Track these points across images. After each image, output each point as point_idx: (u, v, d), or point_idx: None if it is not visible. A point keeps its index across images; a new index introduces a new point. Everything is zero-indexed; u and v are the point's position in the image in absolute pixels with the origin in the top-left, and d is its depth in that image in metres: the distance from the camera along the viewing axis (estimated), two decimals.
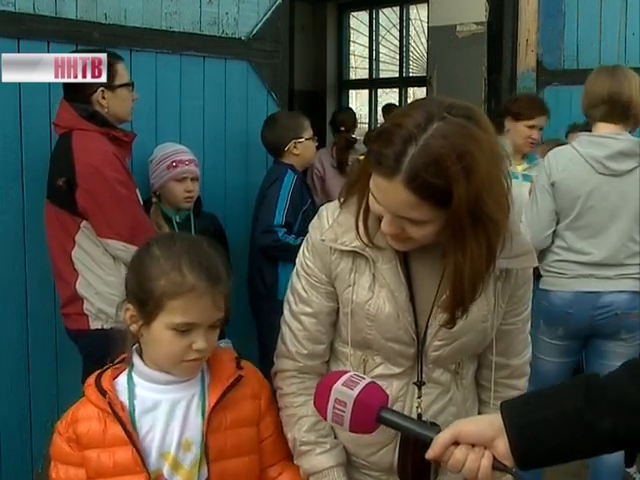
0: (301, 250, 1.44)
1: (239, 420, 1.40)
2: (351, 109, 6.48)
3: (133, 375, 1.38)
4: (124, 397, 1.35)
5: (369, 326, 1.36)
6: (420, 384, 1.39)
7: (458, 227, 1.17)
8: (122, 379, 1.38)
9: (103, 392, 1.34)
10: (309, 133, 3.21)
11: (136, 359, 1.39)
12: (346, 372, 1.23)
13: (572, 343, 2.73)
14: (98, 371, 1.40)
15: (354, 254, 1.35)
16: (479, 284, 1.25)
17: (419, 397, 1.39)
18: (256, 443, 1.43)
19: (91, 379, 1.38)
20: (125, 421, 1.32)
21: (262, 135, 3.21)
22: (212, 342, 1.36)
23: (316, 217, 1.43)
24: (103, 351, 2.39)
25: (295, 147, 3.14)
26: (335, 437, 1.45)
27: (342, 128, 5.10)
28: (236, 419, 1.39)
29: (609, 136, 2.61)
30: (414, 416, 1.38)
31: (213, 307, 1.33)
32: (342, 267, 1.37)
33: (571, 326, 2.68)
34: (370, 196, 1.26)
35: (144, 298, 1.32)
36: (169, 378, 1.37)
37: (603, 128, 2.63)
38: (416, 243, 1.27)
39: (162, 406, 1.36)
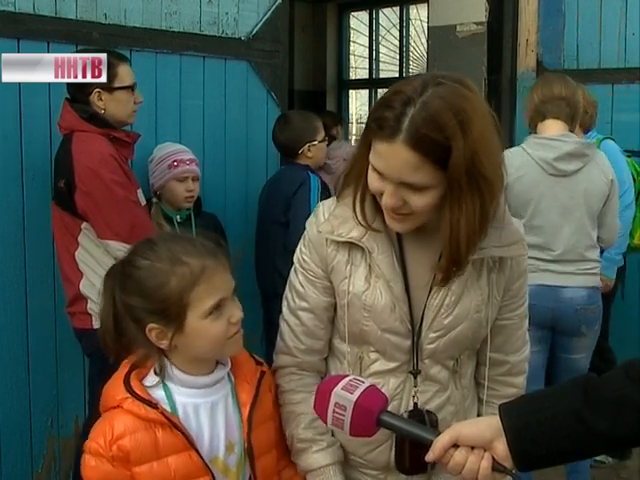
0: (298, 246, 1.46)
1: (266, 415, 1.42)
2: (332, 112, 6.60)
3: (167, 383, 1.35)
4: (166, 406, 1.32)
5: (366, 317, 1.37)
6: (415, 373, 1.39)
7: (456, 186, 1.21)
8: (155, 389, 1.33)
9: (151, 403, 1.29)
10: (322, 135, 3.20)
11: (171, 369, 1.34)
12: (346, 376, 1.23)
13: (538, 332, 2.79)
14: (118, 378, 1.33)
15: (350, 246, 1.37)
16: (473, 244, 1.27)
17: (415, 386, 1.39)
18: (276, 435, 1.46)
19: (120, 392, 1.30)
20: (182, 428, 1.29)
21: (274, 135, 3.19)
22: (241, 308, 1.36)
23: (313, 214, 1.45)
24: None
25: (309, 150, 3.13)
26: (332, 435, 1.45)
27: None
28: (263, 414, 1.41)
29: (557, 138, 2.76)
30: (410, 406, 1.39)
31: (227, 275, 1.33)
32: (338, 259, 1.38)
33: (535, 317, 2.75)
34: (370, 173, 1.28)
35: (163, 307, 1.28)
36: (205, 381, 1.36)
37: (550, 125, 2.79)
38: (416, 220, 1.29)
39: (202, 410, 1.34)
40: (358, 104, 8.18)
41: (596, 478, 3.40)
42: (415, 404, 1.40)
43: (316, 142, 3.14)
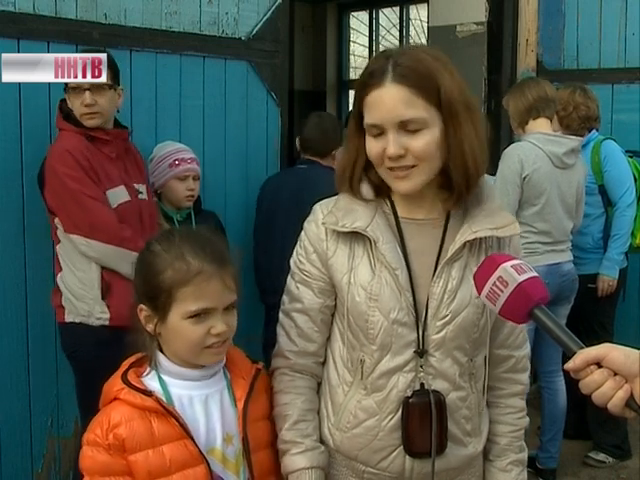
0: (295, 250, 1.47)
1: (262, 413, 1.44)
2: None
3: (161, 375, 1.37)
4: (162, 397, 1.34)
5: (372, 307, 1.37)
6: (422, 352, 1.37)
7: (454, 119, 1.31)
8: (150, 380, 1.37)
9: (145, 392, 1.32)
10: None
11: (163, 359, 1.38)
12: (517, 258, 1.18)
13: None
14: (117, 375, 1.37)
15: (351, 238, 1.39)
16: (480, 163, 1.34)
17: (421, 366, 1.38)
18: (272, 436, 1.46)
19: (117, 384, 1.34)
20: (177, 415, 1.31)
21: (308, 131, 3.24)
22: (231, 324, 1.36)
23: (311, 214, 1.47)
24: (71, 344, 2.46)
25: (337, 152, 3.22)
26: (317, 439, 1.44)
27: None
28: (258, 411, 1.42)
29: (563, 136, 3.19)
30: (417, 387, 1.38)
31: (224, 288, 1.34)
32: (338, 254, 1.40)
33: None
34: (368, 142, 1.34)
35: (154, 293, 1.33)
36: (200, 374, 1.38)
37: (542, 123, 3.15)
38: (419, 174, 1.32)
39: (196, 402, 1.36)
40: None
41: (596, 478, 3.40)
42: (422, 384, 1.38)
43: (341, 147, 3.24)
